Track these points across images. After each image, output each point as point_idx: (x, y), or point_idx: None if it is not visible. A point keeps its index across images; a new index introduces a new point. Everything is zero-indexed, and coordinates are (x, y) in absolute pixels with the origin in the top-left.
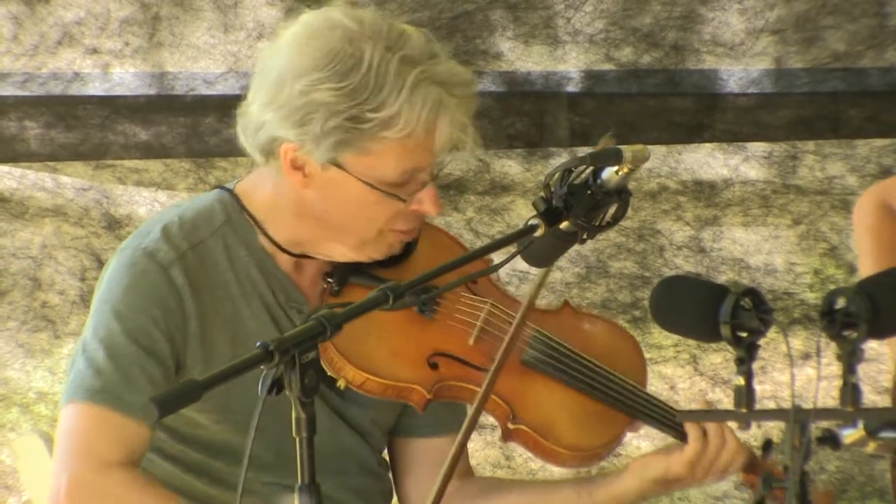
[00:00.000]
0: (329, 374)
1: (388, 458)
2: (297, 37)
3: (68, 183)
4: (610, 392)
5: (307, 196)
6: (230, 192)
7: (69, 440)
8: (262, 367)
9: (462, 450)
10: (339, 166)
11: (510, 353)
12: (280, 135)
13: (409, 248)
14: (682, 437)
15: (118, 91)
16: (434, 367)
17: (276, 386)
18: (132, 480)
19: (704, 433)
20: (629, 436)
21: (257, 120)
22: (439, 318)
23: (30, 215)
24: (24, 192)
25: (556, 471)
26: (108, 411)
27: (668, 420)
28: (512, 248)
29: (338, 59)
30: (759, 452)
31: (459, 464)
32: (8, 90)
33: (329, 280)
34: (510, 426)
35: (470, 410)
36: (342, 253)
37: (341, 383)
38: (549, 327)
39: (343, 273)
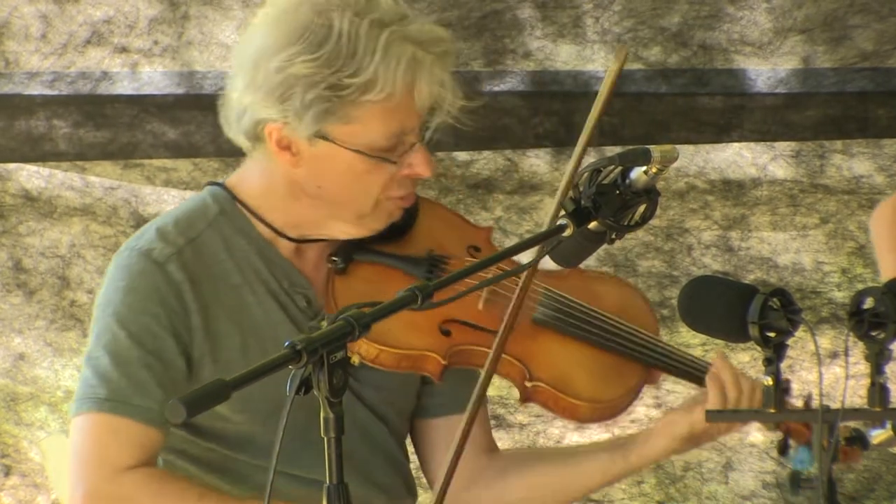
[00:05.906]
0: None
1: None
2: (266, 18)
3: (97, 182)
4: (623, 343)
5: (299, 175)
6: (221, 185)
7: (81, 452)
8: (290, 367)
9: (474, 417)
10: (325, 138)
11: (517, 315)
12: (263, 116)
13: (409, 222)
14: (699, 381)
15: (147, 90)
16: (446, 333)
17: (305, 386)
18: (146, 478)
19: (722, 386)
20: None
21: (239, 106)
22: None
23: (58, 214)
24: (52, 191)
25: None
26: (117, 418)
27: (683, 366)
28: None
29: (308, 31)
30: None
31: (482, 439)
32: (36, 89)
33: (334, 259)
34: (527, 385)
35: (481, 377)
36: (342, 230)
37: (355, 359)
38: (558, 286)
39: (347, 251)
